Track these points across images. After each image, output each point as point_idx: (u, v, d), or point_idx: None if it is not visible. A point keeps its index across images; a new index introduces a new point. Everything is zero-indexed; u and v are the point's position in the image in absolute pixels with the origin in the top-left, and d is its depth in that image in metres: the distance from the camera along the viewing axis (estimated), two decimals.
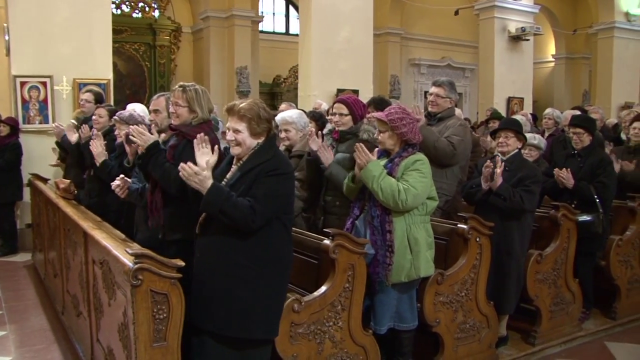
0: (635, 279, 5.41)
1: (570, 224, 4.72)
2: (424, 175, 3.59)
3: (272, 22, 16.55)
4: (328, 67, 9.00)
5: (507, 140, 4.42)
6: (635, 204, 5.28)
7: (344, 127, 4.24)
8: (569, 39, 18.83)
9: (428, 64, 17.15)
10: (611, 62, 14.02)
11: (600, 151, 5.20)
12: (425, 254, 3.63)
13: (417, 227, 3.60)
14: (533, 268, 4.51)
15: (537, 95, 16.65)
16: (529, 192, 4.24)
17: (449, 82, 4.81)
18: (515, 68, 12.08)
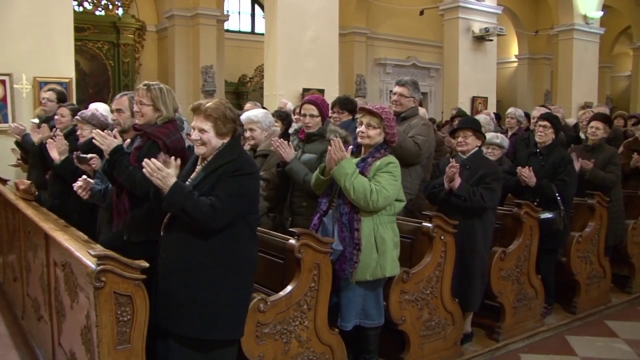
0: (594, 275, 5.54)
1: (532, 222, 4.81)
2: (395, 178, 3.64)
3: (237, 21, 16.46)
4: (294, 67, 8.99)
5: (466, 139, 4.47)
6: (594, 202, 5.40)
7: (314, 129, 4.26)
8: (531, 40, 19.19)
9: (394, 63, 17.26)
10: (571, 63, 14.33)
11: (562, 150, 5.30)
12: (391, 254, 3.66)
13: (385, 227, 3.64)
14: (497, 265, 4.59)
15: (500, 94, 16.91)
16: (489, 190, 4.29)
17: (413, 81, 4.85)
18: (479, 68, 12.24)
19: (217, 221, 2.80)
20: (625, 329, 5.17)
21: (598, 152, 5.68)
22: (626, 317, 5.50)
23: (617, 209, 5.76)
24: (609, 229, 5.62)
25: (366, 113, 3.75)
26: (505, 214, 4.89)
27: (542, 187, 4.94)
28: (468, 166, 4.39)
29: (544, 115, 5.42)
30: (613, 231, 5.71)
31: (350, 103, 5.10)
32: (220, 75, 13.99)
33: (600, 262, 5.58)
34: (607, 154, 5.66)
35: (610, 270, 5.72)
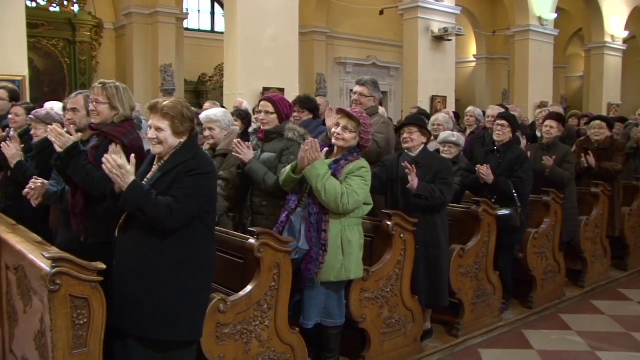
0: (550, 270, 5.68)
1: (490, 219, 4.90)
2: (366, 183, 3.68)
3: (197, 20, 16.29)
4: (254, 66, 8.94)
5: (411, 135, 4.42)
6: (549, 199, 5.53)
7: (269, 126, 4.24)
8: (488, 40, 19.52)
9: (354, 62, 17.33)
10: (527, 63, 14.63)
11: (518, 148, 5.41)
12: (357, 256, 3.70)
13: (352, 229, 3.67)
14: (456, 262, 4.65)
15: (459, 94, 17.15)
16: (447, 185, 4.32)
17: (373, 81, 4.88)
18: (438, 67, 12.38)
19: (174, 221, 2.78)
20: (578, 322, 5.32)
21: (553, 150, 5.81)
22: (579, 310, 5.66)
23: (571, 205, 5.91)
24: (564, 225, 5.77)
25: (345, 116, 3.78)
26: (464, 212, 4.97)
27: (499, 184, 5.03)
28: (420, 164, 4.37)
29: (502, 114, 5.53)
30: (567, 227, 5.86)
31: (310, 102, 5.10)
32: (180, 74, 13.83)
33: (555, 257, 5.71)
34: (562, 152, 5.80)
35: (564, 265, 5.87)
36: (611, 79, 17.29)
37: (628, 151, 6.97)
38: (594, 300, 5.98)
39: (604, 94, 16.99)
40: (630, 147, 7.08)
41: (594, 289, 6.24)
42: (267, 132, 4.25)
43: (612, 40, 17.11)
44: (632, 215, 6.93)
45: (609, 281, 6.52)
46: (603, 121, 6.67)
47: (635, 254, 7.08)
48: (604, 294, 6.20)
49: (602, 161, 6.39)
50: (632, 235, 6.99)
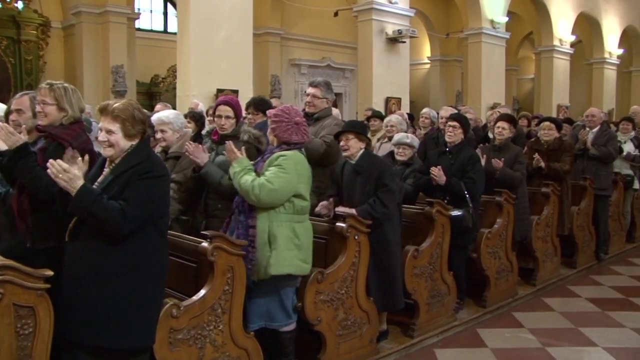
0: (503, 269, 5.80)
1: (444, 219, 4.97)
2: (285, 171, 3.63)
3: (149, 20, 16.04)
4: (207, 67, 8.86)
5: (348, 142, 4.36)
6: (501, 199, 5.64)
7: (229, 130, 4.25)
8: (442, 42, 19.84)
9: (308, 64, 17.36)
10: (480, 65, 14.93)
11: (470, 149, 5.50)
12: (283, 253, 3.61)
13: (280, 225, 3.63)
14: (410, 263, 4.70)
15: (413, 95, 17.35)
16: (387, 192, 4.27)
17: (325, 82, 4.89)
18: (392, 69, 12.50)
19: (126, 226, 2.73)
20: (530, 320, 5.45)
21: (505, 151, 5.94)
22: (531, 308, 5.80)
23: (522, 205, 6.05)
24: (516, 225, 5.90)
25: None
26: (418, 213, 5.03)
27: (451, 185, 5.11)
28: (359, 171, 4.34)
29: (454, 115, 5.62)
30: (519, 227, 5.99)
31: (265, 104, 5.09)
32: (132, 75, 13.59)
33: (507, 256, 5.84)
34: (513, 153, 5.93)
35: (517, 264, 6.01)
36: (560, 81, 17.82)
37: (576, 152, 7.16)
38: (545, 297, 6.14)
39: (554, 95, 17.49)
40: (577, 148, 7.28)
41: (545, 287, 6.41)
42: (223, 135, 4.22)
43: (560, 44, 17.64)
44: (580, 214, 7.15)
45: (559, 279, 6.71)
46: (552, 122, 6.85)
47: (584, 252, 7.31)
48: (554, 292, 6.38)
49: (551, 162, 6.56)
50: (580, 234, 7.21)
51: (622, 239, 8.40)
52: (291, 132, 3.76)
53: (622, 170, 8.08)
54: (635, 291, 6.41)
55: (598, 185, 7.34)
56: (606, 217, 7.68)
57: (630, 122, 8.44)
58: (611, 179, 7.67)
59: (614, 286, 6.59)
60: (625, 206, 8.41)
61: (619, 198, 8.13)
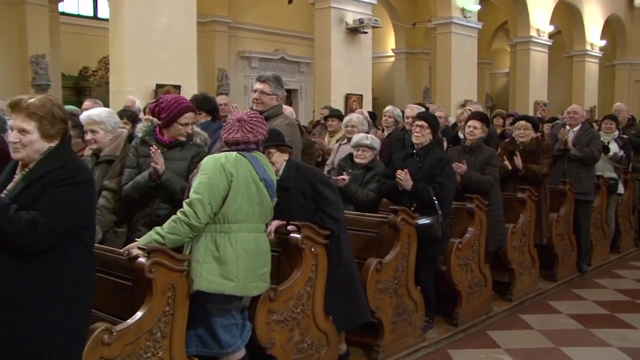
0: (475, 283, 5.91)
1: (410, 229, 5.04)
2: (207, 176, 3.63)
3: (76, 3, 15.79)
4: (145, 59, 8.77)
5: (271, 158, 4.19)
6: (473, 205, 5.76)
7: None
8: (408, 33, 20.10)
9: (259, 57, 17.36)
10: (450, 58, 15.11)
11: (439, 151, 5.60)
12: (201, 266, 3.56)
13: (200, 235, 3.62)
14: (373, 277, 4.75)
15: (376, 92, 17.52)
16: (331, 205, 4.26)
17: (275, 77, 4.93)
18: (353, 62, 12.59)
19: (41, 239, 2.66)
20: (506, 339, 5.57)
21: (477, 153, 6.06)
22: (507, 326, 5.93)
23: (496, 212, 6.18)
24: (489, 234, 6.02)
25: None
26: (381, 221, 5.09)
27: (418, 190, 5.19)
28: (287, 187, 4.23)
29: (421, 114, 5.70)
30: (493, 236, 6.12)
31: (208, 102, 5.09)
32: (56, 66, 13.31)
33: (480, 269, 5.96)
34: (486, 155, 6.05)
35: (491, 277, 6.13)
36: (537, 75, 18.22)
37: (555, 153, 7.33)
38: (523, 314, 6.29)
39: (531, 91, 17.88)
40: (557, 149, 7.43)
41: (523, 302, 6.56)
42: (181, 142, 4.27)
43: (537, 35, 18.03)
44: (559, 221, 7.33)
45: (537, 293, 6.88)
46: (528, 121, 7.01)
47: (564, 264, 7.50)
48: (532, 307, 6.54)
49: (528, 164, 6.71)
50: (560, 243, 7.40)
51: (605, 248, 8.64)
52: (233, 130, 3.79)
53: (605, 173, 8.29)
54: (621, 306, 6.60)
55: (579, 190, 7.52)
56: (588, 225, 7.88)
57: (613, 121, 8.61)
58: (593, 182, 7.87)
59: (598, 301, 6.78)
60: (609, 212, 8.64)
61: (602, 203, 8.36)
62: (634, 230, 9.55)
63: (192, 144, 4.23)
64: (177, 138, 4.27)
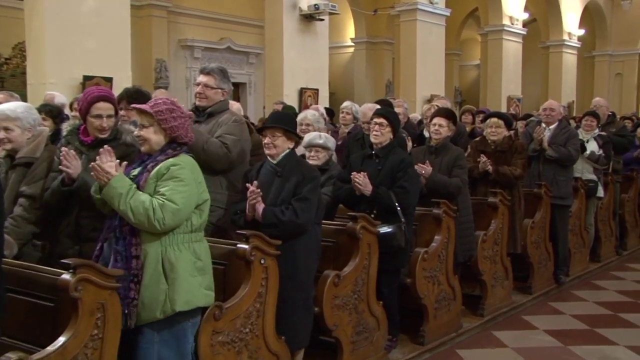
0: (443, 297, 5.96)
1: (370, 238, 5.06)
2: (184, 183, 3.62)
3: None
4: (69, 47, 8.64)
5: (274, 140, 4.50)
6: (440, 211, 5.80)
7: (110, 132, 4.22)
8: (369, 21, 20.23)
9: (203, 46, 17.23)
10: (415, 49, 15.24)
11: (401, 151, 5.64)
12: (186, 281, 3.61)
13: (177, 248, 3.62)
14: (330, 292, 4.75)
15: (334, 86, 17.62)
16: (302, 201, 4.38)
17: (220, 69, 4.91)
18: (308, 53, 12.62)
19: None
20: (477, 358, 5.64)
21: (443, 153, 6.13)
22: (479, 344, 6.01)
23: (465, 219, 6.25)
24: (458, 243, 6.08)
25: (135, 111, 3.81)
26: (338, 230, 5.10)
27: (379, 195, 5.21)
28: (279, 174, 4.45)
29: (380, 111, 5.72)
30: (462, 245, 6.18)
31: (141, 97, 5.01)
32: None
33: (449, 281, 6.01)
34: (453, 155, 6.12)
35: (460, 290, 6.19)
36: (511, 68, 18.54)
37: (530, 153, 7.42)
38: (496, 330, 6.38)
39: (503, 85, 18.18)
40: (532, 149, 7.54)
41: (495, 317, 6.65)
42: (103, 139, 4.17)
43: (511, 23, 18.36)
44: (534, 228, 7.45)
45: (511, 307, 6.98)
46: (500, 118, 7.10)
47: (540, 274, 7.63)
48: (506, 323, 6.63)
49: (500, 165, 6.80)
50: (535, 252, 7.52)
51: (585, 257, 8.82)
52: (187, 128, 3.77)
53: (584, 174, 8.46)
54: (603, 320, 6.73)
55: (556, 193, 7.66)
56: (566, 232, 8.03)
57: (594, 118, 8.75)
58: (571, 185, 8.01)
59: (577, 315, 6.90)
60: (588, 218, 8.82)
61: (581, 208, 8.51)
62: (615, 237, 9.77)
63: (122, 143, 4.16)
64: (96, 135, 4.20)
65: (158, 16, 16.14)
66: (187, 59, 17.11)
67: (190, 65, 17.06)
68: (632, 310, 7.06)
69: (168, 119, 3.69)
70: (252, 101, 17.80)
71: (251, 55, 18.32)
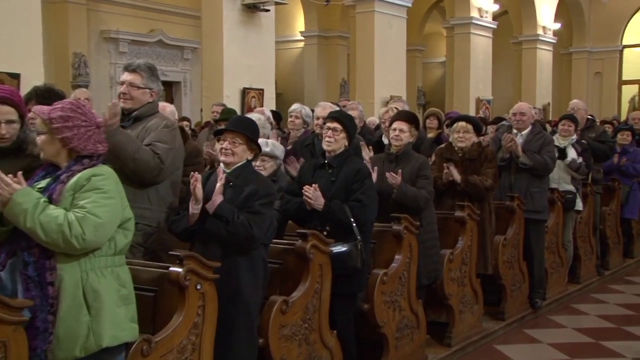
0: (405, 325, 5.99)
1: (322, 258, 5.06)
2: (108, 195, 3.57)
3: None
4: None
5: (235, 147, 4.56)
6: (401, 227, 5.82)
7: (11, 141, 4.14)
8: (321, 12, 20.31)
9: (130, 38, 17.07)
10: (372, 44, 15.26)
11: (357, 160, 5.67)
12: (113, 313, 3.57)
13: (100, 273, 3.57)
14: (277, 321, 4.72)
15: (282, 86, 17.63)
16: (256, 214, 4.42)
17: (148, 66, 4.87)
18: (251, 48, 12.57)
19: None
20: None
21: (404, 162, 6.18)
22: None
23: (430, 236, 6.30)
24: (421, 263, 6.11)
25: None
26: (286, 250, 5.10)
27: (332, 210, 5.22)
28: (232, 183, 4.48)
29: (333, 114, 5.72)
30: (426, 265, 6.22)
31: (54, 96, 4.94)
32: None
33: (411, 307, 6.05)
34: (416, 164, 6.17)
35: (424, 317, 6.22)
36: (480, 66, 18.74)
37: (499, 163, 7.48)
38: None
39: (472, 85, 18.37)
40: (501, 159, 7.61)
41: (464, 348, 6.71)
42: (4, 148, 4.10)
43: (479, 16, 18.56)
44: (507, 246, 7.54)
45: (482, 335, 7.06)
46: (468, 122, 7.16)
47: (514, 298, 7.72)
48: (476, 354, 6.71)
49: (469, 175, 6.86)
50: (508, 273, 7.60)
51: (563, 278, 8.96)
52: (95, 139, 3.69)
53: (561, 185, 8.59)
54: (583, 349, 6.83)
55: (530, 207, 7.74)
56: (542, 250, 8.14)
57: (572, 123, 8.84)
58: (547, 197, 8.12)
59: (554, 343, 7.00)
60: (566, 234, 8.97)
61: (558, 223, 8.65)
62: (595, 256, 9.94)
63: (25, 155, 4.09)
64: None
65: (75, 2, 15.92)
66: (111, 53, 16.94)
67: (114, 60, 16.88)
68: (615, 337, 7.18)
69: (61, 128, 3.59)
70: (188, 103, 17.72)
71: (186, 50, 18.24)
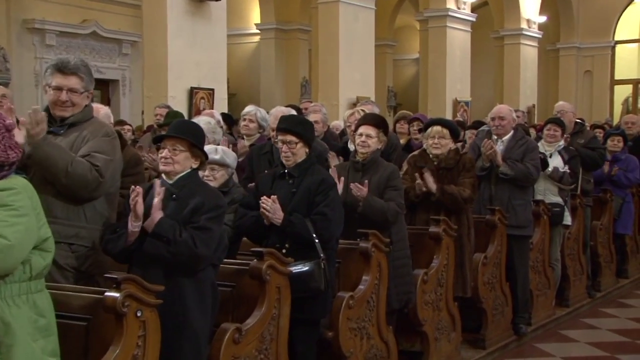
0: (374, 354, 5.98)
1: (280, 279, 5.04)
2: (19, 213, 3.56)
3: None
4: None
5: (175, 155, 4.54)
6: (369, 245, 5.82)
7: None
8: (279, 2, 20.31)
9: (59, 30, 16.91)
10: (337, 39, 15.24)
11: (321, 170, 5.69)
12: (27, 348, 3.54)
13: (13, 302, 3.56)
14: (229, 352, 4.68)
15: (235, 85, 17.60)
16: (202, 230, 4.41)
17: (85, 65, 4.82)
18: (200, 43, 12.53)
19: None
20: None
21: (372, 170, 6.20)
22: None
23: (401, 254, 6.31)
24: (392, 285, 6.12)
25: None
26: (240, 271, 5.09)
27: (292, 225, 5.22)
28: (175, 196, 4.48)
29: (282, 126, 5.56)
30: (397, 287, 6.22)
31: None
32: None
33: (381, 335, 6.05)
34: (385, 173, 6.18)
35: (395, 346, 6.23)
36: (457, 63, 18.85)
37: (479, 172, 7.46)
38: None
39: (448, 85, 18.45)
40: (481, 168, 7.61)
41: None
42: None
43: (456, 8, 18.68)
44: (487, 265, 7.56)
45: None
46: (444, 127, 7.17)
47: (495, 323, 7.74)
48: None
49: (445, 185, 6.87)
50: (489, 296, 7.61)
51: (550, 301, 9.00)
52: (4, 145, 3.66)
53: (546, 197, 8.62)
54: None
55: (512, 221, 7.76)
56: (526, 269, 8.17)
57: (559, 127, 8.91)
58: (531, 210, 8.15)
59: None
60: (553, 252, 9.00)
61: (544, 239, 8.68)
62: (586, 276, 10.00)
63: None
64: None
65: None
66: (37, 46, 16.78)
67: (40, 55, 16.72)
68: None
69: None
70: (127, 104, 17.63)
71: (125, 44, 18.15)
